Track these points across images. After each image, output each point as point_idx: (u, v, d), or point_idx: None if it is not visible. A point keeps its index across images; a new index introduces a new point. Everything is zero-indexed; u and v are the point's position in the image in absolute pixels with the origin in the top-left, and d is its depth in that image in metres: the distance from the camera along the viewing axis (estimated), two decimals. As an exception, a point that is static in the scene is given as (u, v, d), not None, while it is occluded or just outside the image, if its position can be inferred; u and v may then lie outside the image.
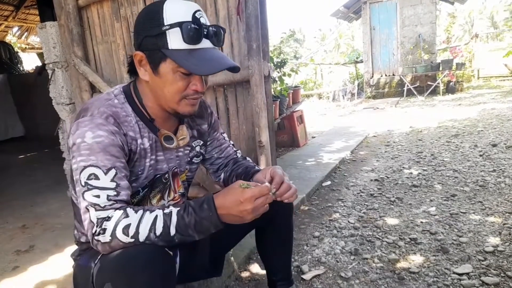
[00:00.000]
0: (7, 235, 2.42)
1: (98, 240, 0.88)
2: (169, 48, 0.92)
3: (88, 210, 0.89)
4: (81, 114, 0.96)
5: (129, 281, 0.83)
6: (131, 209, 0.90)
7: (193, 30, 0.91)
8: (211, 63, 0.93)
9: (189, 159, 1.21)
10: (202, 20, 0.94)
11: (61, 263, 1.95)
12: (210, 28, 0.95)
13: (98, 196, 0.89)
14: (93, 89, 2.73)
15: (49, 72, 2.92)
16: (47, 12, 4.83)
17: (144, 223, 0.87)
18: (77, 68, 2.71)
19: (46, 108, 3.71)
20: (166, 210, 0.90)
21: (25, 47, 9.91)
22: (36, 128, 6.62)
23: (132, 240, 0.86)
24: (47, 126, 4.95)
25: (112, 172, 0.92)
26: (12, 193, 3.42)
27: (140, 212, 0.89)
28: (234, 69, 0.99)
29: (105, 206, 0.89)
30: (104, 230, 0.87)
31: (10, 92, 6.79)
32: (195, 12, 0.93)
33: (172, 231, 0.88)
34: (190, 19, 0.91)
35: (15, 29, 9.28)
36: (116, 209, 0.89)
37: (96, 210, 0.89)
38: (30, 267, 1.94)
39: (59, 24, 2.77)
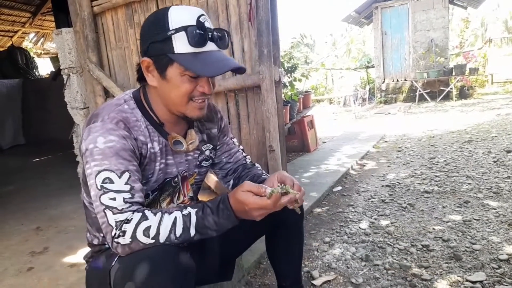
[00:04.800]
0: (22, 237, 2.46)
1: (118, 243, 0.89)
2: (175, 52, 0.94)
3: (105, 213, 0.91)
4: (92, 120, 0.98)
5: (151, 280, 0.84)
6: (149, 211, 0.92)
7: (198, 34, 0.93)
8: (216, 65, 0.95)
9: (198, 162, 1.21)
10: (207, 24, 0.96)
11: (74, 265, 1.98)
12: (215, 32, 0.97)
13: (114, 199, 0.91)
14: (107, 94, 2.78)
15: (65, 77, 2.98)
16: (63, 18, 4.93)
17: (164, 224, 0.90)
18: (92, 73, 2.76)
19: (61, 112, 3.77)
20: (185, 211, 0.93)
21: (41, 53, 10.13)
22: (50, 132, 6.74)
23: (153, 241, 0.89)
24: (61, 130, 5.03)
25: (126, 175, 0.93)
26: (26, 196, 3.49)
27: (159, 214, 0.91)
28: (239, 70, 1.01)
29: (122, 208, 0.91)
30: (124, 232, 0.89)
31: (21, 98, 6.91)
32: (199, 16, 0.95)
33: (192, 231, 0.91)
34: (194, 23, 0.94)
35: (32, 35, 9.50)
36: (133, 211, 0.91)
37: (113, 213, 0.91)
38: (44, 268, 1.98)
39: (74, 31, 2.83)
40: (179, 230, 0.90)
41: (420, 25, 9.33)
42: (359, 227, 2.30)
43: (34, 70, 8.39)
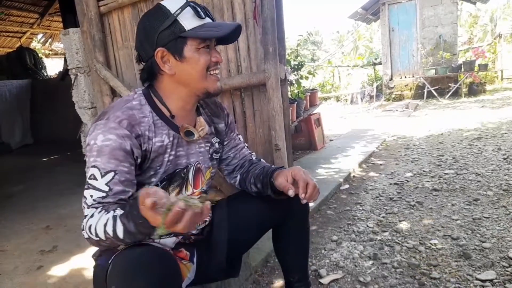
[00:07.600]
0: (32, 236, 2.49)
1: (83, 235, 0.95)
2: (186, 30, 1.00)
3: (84, 206, 0.97)
4: (100, 117, 1.02)
5: (130, 286, 0.84)
6: (101, 209, 0.94)
7: (197, 7, 1.02)
8: (224, 27, 1.04)
9: (210, 155, 1.24)
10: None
11: (82, 263, 2.00)
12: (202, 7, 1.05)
13: (91, 196, 0.96)
14: (114, 93, 2.79)
15: (72, 77, 3.00)
16: (70, 19, 4.98)
17: (100, 224, 0.91)
18: (99, 73, 2.77)
19: (69, 112, 3.81)
20: (116, 213, 0.90)
21: (49, 53, 10.24)
22: (58, 132, 6.80)
23: (97, 239, 0.91)
24: (69, 129, 5.08)
25: (109, 176, 0.96)
26: (35, 195, 3.53)
27: (102, 213, 0.92)
28: (238, 28, 1.08)
29: (91, 204, 0.96)
30: (83, 226, 0.94)
31: (30, 98, 6.98)
32: None
33: (120, 234, 0.88)
34: (186, 1, 1.02)
35: (40, 35, 9.60)
36: (95, 208, 0.95)
37: (85, 207, 0.96)
38: (53, 267, 2.00)
39: (81, 31, 2.85)
40: (109, 232, 0.89)
41: (428, 21, 9.23)
42: (367, 225, 2.29)
43: (42, 71, 8.47)
